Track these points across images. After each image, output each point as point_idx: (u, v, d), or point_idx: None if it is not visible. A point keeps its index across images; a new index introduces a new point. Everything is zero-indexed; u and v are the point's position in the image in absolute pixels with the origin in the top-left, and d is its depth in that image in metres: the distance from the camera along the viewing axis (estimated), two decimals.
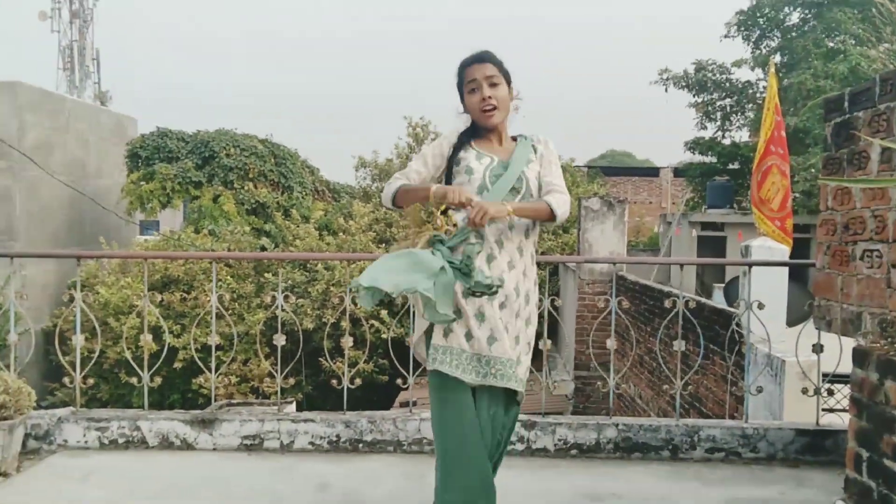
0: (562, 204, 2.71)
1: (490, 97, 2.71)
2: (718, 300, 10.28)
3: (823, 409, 4.10)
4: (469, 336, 2.60)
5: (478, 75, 2.72)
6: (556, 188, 2.76)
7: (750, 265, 4.71)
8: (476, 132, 2.84)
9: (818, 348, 3.98)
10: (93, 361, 4.42)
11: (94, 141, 18.26)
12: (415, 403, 4.43)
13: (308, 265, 13.81)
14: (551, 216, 2.69)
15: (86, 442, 4.02)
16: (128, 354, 4.84)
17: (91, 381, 4.39)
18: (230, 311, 12.63)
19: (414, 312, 2.97)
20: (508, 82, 2.79)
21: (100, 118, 19.05)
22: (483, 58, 2.75)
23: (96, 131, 18.45)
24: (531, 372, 2.90)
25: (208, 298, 4.31)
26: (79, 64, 24.91)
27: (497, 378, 2.61)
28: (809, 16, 17.24)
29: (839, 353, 3.78)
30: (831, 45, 15.63)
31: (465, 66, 2.77)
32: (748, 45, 18.42)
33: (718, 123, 19.23)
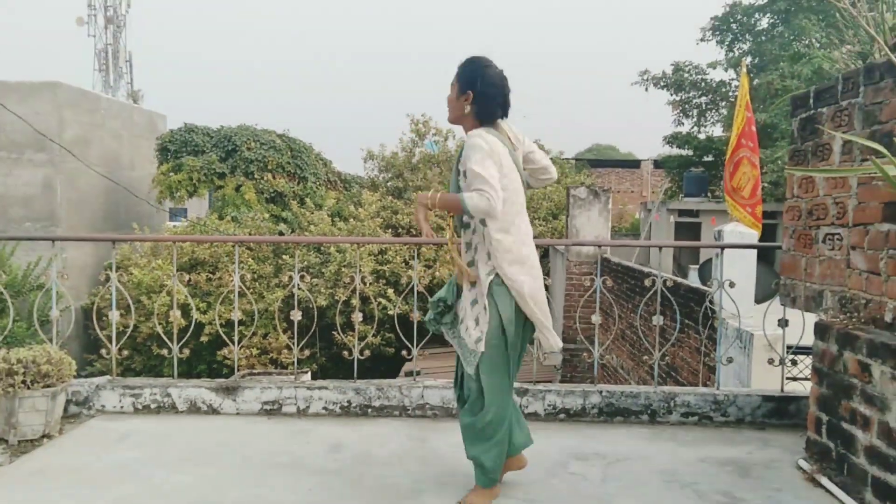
0: (469, 199, 2.61)
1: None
2: (693, 280, 10.28)
3: (788, 378, 4.11)
4: None
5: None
6: (471, 183, 2.65)
7: (722, 248, 4.71)
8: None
9: (783, 323, 3.98)
10: (127, 335, 4.43)
11: (127, 136, 18.21)
12: (418, 373, 4.44)
13: (322, 248, 13.82)
14: (462, 209, 2.64)
15: (121, 407, 4.03)
16: (159, 329, 4.84)
17: (126, 352, 4.41)
18: (251, 290, 12.65)
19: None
20: (462, 88, 2.78)
21: (132, 115, 18.98)
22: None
23: (129, 127, 18.39)
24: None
25: (231, 278, 4.31)
26: (113, 65, 24.79)
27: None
28: (778, 21, 17.12)
29: (802, 327, 3.78)
30: (798, 48, 15.54)
31: None
32: (722, 47, 18.28)
33: (694, 120, 19.14)
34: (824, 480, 3.03)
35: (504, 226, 2.73)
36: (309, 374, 10.06)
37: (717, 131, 19.24)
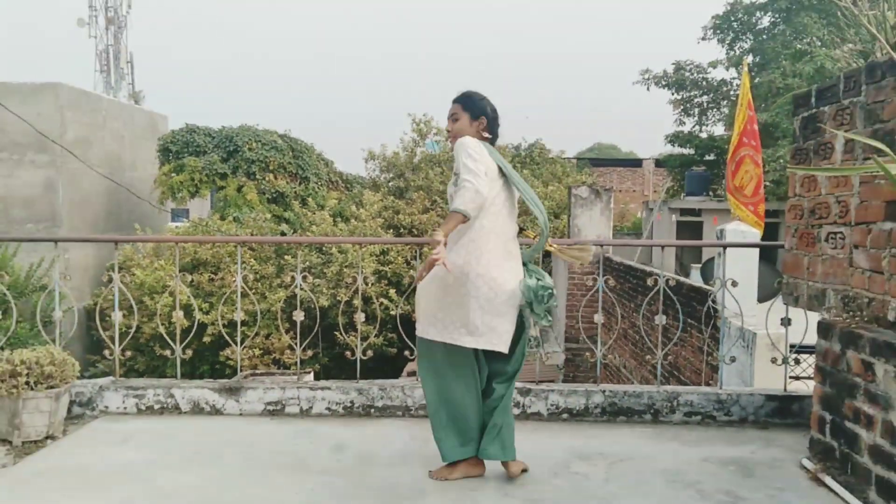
0: (458, 199, 2.85)
1: (448, 129, 3.23)
2: (696, 279, 10.27)
3: (790, 377, 4.10)
4: None
5: (449, 111, 3.20)
6: (459, 184, 2.90)
7: (724, 247, 4.71)
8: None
9: (786, 322, 3.98)
10: (130, 336, 4.43)
11: (128, 136, 18.23)
12: None
13: (323, 248, 13.83)
14: (461, 216, 2.84)
15: (125, 408, 4.03)
16: (162, 330, 4.85)
17: (129, 353, 4.40)
18: (253, 291, 12.66)
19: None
20: (474, 115, 3.15)
21: (134, 116, 19.01)
22: (454, 99, 3.20)
23: (131, 128, 18.42)
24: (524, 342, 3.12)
25: (234, 279, 4.31)
26: (114, 66, 24.80)
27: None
28: (779, 20, 17.08)
29: (805, 326, 3.78)
30: (799, 46, 15.50)
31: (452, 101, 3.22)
32: (723, 46, 18.26)
33: (696, 119, 19.11)
34: (828, 480, 3.03)
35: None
36: (312, 374, 10.08)
37: (719, 130, 19.23)
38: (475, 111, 3.16)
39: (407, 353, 4.31)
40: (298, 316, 4.23)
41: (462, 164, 2.91)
